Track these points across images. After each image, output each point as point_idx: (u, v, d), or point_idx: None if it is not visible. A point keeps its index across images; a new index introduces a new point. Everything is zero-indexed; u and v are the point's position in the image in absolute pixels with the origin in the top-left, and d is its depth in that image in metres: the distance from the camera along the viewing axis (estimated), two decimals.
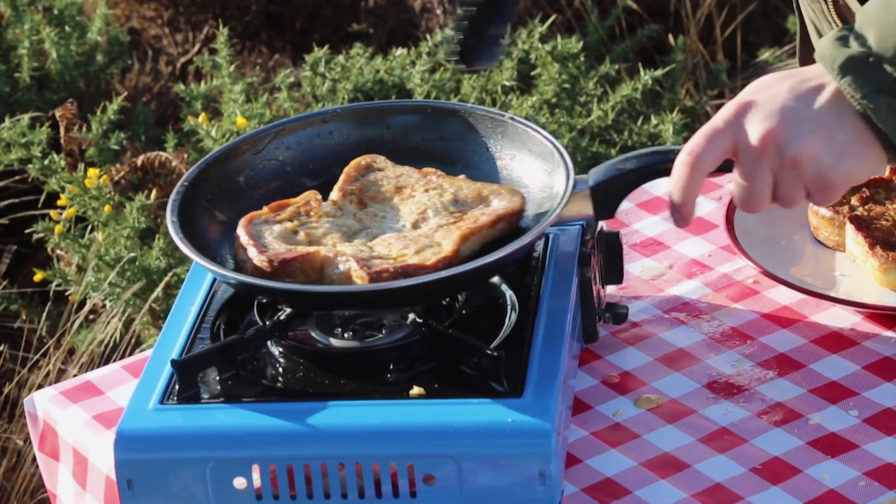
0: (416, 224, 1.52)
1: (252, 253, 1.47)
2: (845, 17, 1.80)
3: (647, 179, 1.51)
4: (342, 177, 1.58)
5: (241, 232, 1.50)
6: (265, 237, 1.50)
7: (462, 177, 1.57)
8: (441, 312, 1.49)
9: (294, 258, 1.46)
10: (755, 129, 1.42)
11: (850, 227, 1.64)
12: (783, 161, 1.41)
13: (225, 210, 1.55)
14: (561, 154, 1.54)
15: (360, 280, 1.44)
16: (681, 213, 1.46)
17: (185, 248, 1.45)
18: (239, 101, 3.59)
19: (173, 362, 1.43)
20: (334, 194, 1.56)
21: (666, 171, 1.48)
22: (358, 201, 1.55)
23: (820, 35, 1.88)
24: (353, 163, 1.59)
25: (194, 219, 1.51)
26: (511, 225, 1.52)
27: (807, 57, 2.00)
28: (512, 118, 1.60)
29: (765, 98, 1.42)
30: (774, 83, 1.44)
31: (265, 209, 1.54)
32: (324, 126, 1.63)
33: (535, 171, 1.57)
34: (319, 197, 1.56)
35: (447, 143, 1.61)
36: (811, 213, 1.69)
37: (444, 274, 1.43)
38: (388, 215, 1.54)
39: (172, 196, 1.51)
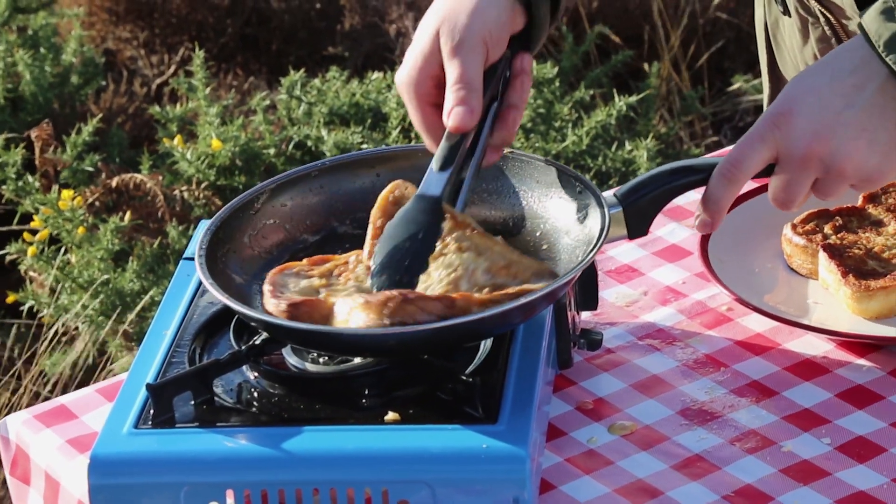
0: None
1: (266, 298, 1.45)
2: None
3: (679, 194, 1.51)
4: (371, 229, 1.49)
5: (266, 281, 1.47)
6: (288, 287, 1.46)
7: (500, 239, 1.50)
8: None
9: (302, 302, 1.43)
10: (799, 141, 1.41)
11: (823, 256, 1.65)
12: (828, 171, 1.42)
13: (240, 272, 1.53)
14: (583, 182, 1.52)
15: (357, 308, 1.39)
16: (712, 220, 1.46)
17: (240, 307, 1.42)
18: (214, 123, 3.59)
19: (148, 386, 1.43)
20: (365, 256, 1.48)
21: (697, 184, 1.49)
22: None
23: (805, 28, 1.87)
24: (380, 202, 1.50)
25: (220, 282, 1.48)
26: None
27: (775, 89, 2.00)
28: (511, 152, 1.58)
29: (806, 103, 1.40)
30: (814, 82, 1.41)
31: (304, 261, 1.50)
32: (314, 180, 1.60)
33: (554, 201, 1.55)
34: (363, 258, 1.48)
35: None
36: (784, 241, 1.70)
37: (477, 316, 1.38)
38: (418, 282, 1.46)
39: (197, 261, 1.48)
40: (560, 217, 1.54)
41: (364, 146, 3.52)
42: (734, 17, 4.36)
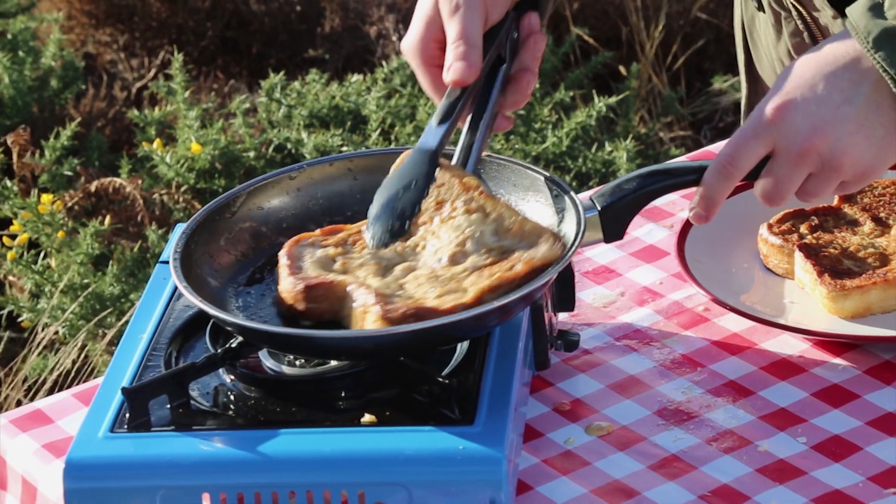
0: (455, 258, 1.45)
1: (283, 273, 1.46)
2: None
3: (655, 198, 1.51)
4: None
5: (282, 252, 1.49)
6: (304, 260, 1.48)
7: (505, 201, 1.51)
8: None
9: (318, 284, 1.44)
10: (797, 136, 1.40)
11: (798, 255, 1.65)
12: (824, 166, 1.41)
13: (215, 276, 1.53)
14: (560, 186, 1.51)
15: (372, 316, 1.41)
16: (706, 213, 1.46)
17: (215, 311, 1.43)
18: (194, 126, 3.59)
19: (124, 390, 1.43)
20: None
21: (674, 188, 1.49)
22: None
23: (779, 24, 1.87)
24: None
25: (195, 285, 1.48)
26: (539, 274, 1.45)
27: (752, 90, 2.00)
28: (488, 155, 1.57)
29: (803, 97, 1.40)
30: (809, 75, 1.41)
31: (318, 231, 1.52)
32: (291, 183, 1.60)
33: (531, 205, 1.55)
34: None
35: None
36: (761, 241, 1.70)
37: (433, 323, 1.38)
38: (429, 245, 1.47)
39: (171, 264, 1.48)
40: (536, 220, 1.54)
41: (344, 149, 3.52)
42: (714, 18, 4.37)
